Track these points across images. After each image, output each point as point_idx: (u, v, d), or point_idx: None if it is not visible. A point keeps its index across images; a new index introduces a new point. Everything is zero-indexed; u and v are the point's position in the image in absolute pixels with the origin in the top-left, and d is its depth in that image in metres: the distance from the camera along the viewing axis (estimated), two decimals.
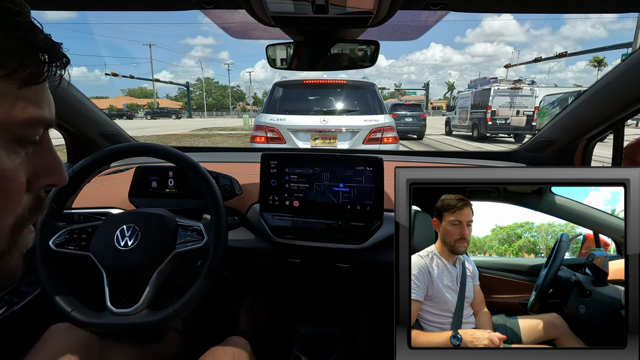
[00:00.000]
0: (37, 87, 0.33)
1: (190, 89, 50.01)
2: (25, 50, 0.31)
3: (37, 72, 0.32)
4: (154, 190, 1.03)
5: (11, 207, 0.33)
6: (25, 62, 0.31)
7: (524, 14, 1.00)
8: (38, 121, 0.34)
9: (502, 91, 12.95)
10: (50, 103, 0.35)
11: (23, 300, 0.87)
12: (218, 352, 0.76)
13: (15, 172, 0.33)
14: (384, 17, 0.75)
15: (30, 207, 0.36)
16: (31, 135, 0.34)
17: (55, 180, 0.37)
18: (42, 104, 0.34)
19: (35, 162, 0.35)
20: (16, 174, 0.33)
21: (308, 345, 1.17)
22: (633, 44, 14.82)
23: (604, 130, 1.00)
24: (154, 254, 0.75)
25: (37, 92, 0.33)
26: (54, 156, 0.37)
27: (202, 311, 1.24)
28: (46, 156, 0.36)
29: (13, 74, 0.30)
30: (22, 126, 0.32)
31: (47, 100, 0.35)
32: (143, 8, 0.82)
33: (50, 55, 0.33)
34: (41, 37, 0.32)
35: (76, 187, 0.83)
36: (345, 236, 0.95)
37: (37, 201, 0.37)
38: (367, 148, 3.54)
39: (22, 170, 0.34)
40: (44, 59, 0.32)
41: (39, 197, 0.37)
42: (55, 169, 0.37)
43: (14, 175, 0.32)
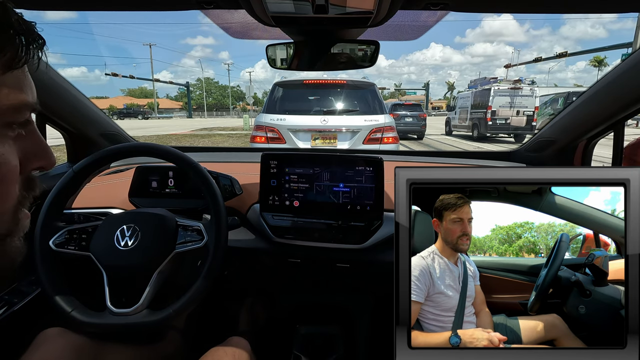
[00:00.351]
0: (18, 72, 0.33)
1: (190, 89, 50.02)
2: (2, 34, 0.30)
3: (16, 56, 0.32)
4: (154, 190, 1.03)
5: (9, 190, 0.34)
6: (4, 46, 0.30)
7: (523, 14, 1.00)
8: (23, 105, 0.34)
9: (502, 91, 12.95)
10: (32, 87, 0.35)
11: (23, 300, 0.87)
12: (218, 352, 0.76)
13: (8, 157, 0.33)
14: (384, 17, 0.75)
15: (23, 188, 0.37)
16: (17, 120, 0.34)
17: (43, 162, 0.38)
18: (24, 88, 0.34)
19: (23, 145, 0.36)
20: (9, 158, 0.33)
21: (308, 345, 1.17)
22: (633, 44, 14.82)
23: (604, 130, 1.00)
24: (154, 254, 0.75)
25: (18, 76, 0.33)
26: (40, 139, 0.38)
27: (202, 311, 1.24)
28: (33, 140, 0.37)
29: None
30: (9, 112, 0.32)
31: (29, 84, 0.35)
32: (143, 8, 0.82)
33: (27, 37, 0.32)
34: (15, 19, 0.32)
35: (76, 187, 0.83)
36: (345, 236, 0.95)
37: (28, 182, 0.38)
38: (367, 148, 3.54)
39: (13, 154, 0.34)
40: (21, 40, 0.32)
41: (30, 177, 0.38)
42: (43, 152, 0.38)
43: (7, 160, 0.33)
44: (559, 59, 28.07)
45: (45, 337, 0.73)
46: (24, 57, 0.32)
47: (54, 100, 1.05)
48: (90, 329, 0.72)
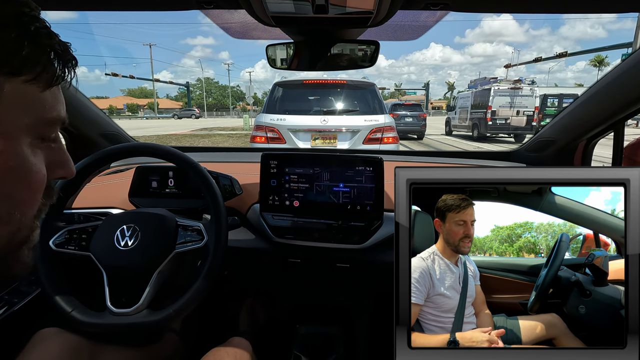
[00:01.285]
0: (55, 89, 0.36)
1: (191, 89, 49.99)
2: (46, 56, 0.34)
3: (55, 75, 0.35)
4: (154, 190, 1.03)
5: (36, 198, 0.37)
6: (47, 66, 0.34)
7: (523, 14, 1.00)
8: (57, 120, 0.37)
9: (502, 91, 12.95)
10: (63, 102, 0.39)
11: (23, 300, 0.87)
12: (220, 352, 0.76)
13: (39, 167, 0.36)
14: (384, 17, 0.75)
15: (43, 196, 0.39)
16: (50, 133, 0.38)
17: (65, 172, 0.41)
18: (59, 104, 0.37)
19: (49, 155, 0.39)
20: (40, 168, 0.36)
21: (308, 345, 1.17)
22: (633, 44, 14.83)
23: (604, 130, 1.00)
24: (154, 254, 0.75)
25: (55, 93, 0.37)
26: (64, 151, 0.41)
27: (202, 311, 1.24)
28: (58, 151, 0.40)
29: (38, 77, 0.33)
30: (46, 126, 0.36)
31: (62, 100, 0.38)
32: (143, 8, 0.82)
33: (64, 58, 0.36)
34: (56, 41, 0.35)
35: (76, 187, 0.83)
36: (345, 236, 0.95)
37: (48, 190, 0.40)
38: (367, 148, 3.54)
39: (42, 164, 0.37)
40: (59, 61, 0.36)
41: (49, 186, 0.40)
42: (66, 163, 0.41)
43: (38, 169, 0.36)
44: (558, 59, 28.09)
45: (42, 337, 0.73)
46: (61, 75, 0.36)
47: None
48: (90, 329, 0.72)
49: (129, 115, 53.65)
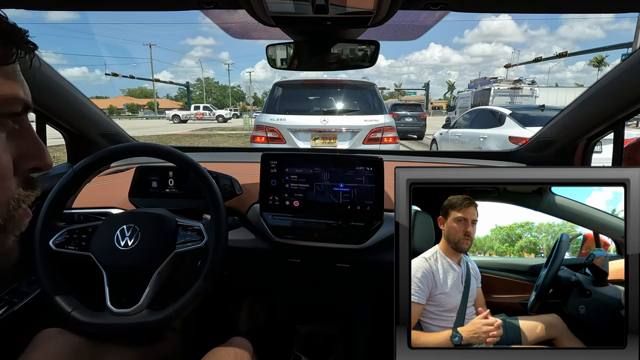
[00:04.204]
0: (7, 67, 0.34)
1: (191, 89, 49.99)
2: None
3: (4, 54, 0.34)
4: (154, 190, 1.03)
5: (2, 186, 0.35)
6: None
7: (522, 14, 1.00)
8: (13, 98, 0.35)
9: (502, 91, 12.97)
10: (24, 86, 0.37)
11: (23, 300, 0.87)
12: (220, 352, 0.76)
13: None
14: (384, 17, 0.75)
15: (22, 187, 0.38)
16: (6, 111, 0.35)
17: (39, 163, 0.39)
18: (15, 82, 0.35)
19: (19, 145, 0.37)
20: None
21: (308, 345, 1.17)
22: (633, 44, 14.82)
23: (604, 131, 1.00)
24: (154, 254, 0.75)
25: (7, 71, 0.35)
26: (37, 140, 0.39)
27: (202, 311, 1.24)
28: (28, 140, 0.38)
29: None
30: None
31: (21, 82, 0.36)
32: (143, 8, 0.82)
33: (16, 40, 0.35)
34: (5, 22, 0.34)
35: (76, 187, 0.83)
36: (346, 236, 0.95)
37: (27, 182, 0.38)
38: (367, 148, 3.54)
39: (6, 150, 0.35)
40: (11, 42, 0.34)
41: (28, 178, 0.38)
42: (39, 153, 0.38)
43: None
44: (558, 59, 28.08)
45: (43, 337, 0.73)
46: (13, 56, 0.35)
47: (54, 100, 1.05)
48: (90, 329, 0.72)
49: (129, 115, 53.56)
